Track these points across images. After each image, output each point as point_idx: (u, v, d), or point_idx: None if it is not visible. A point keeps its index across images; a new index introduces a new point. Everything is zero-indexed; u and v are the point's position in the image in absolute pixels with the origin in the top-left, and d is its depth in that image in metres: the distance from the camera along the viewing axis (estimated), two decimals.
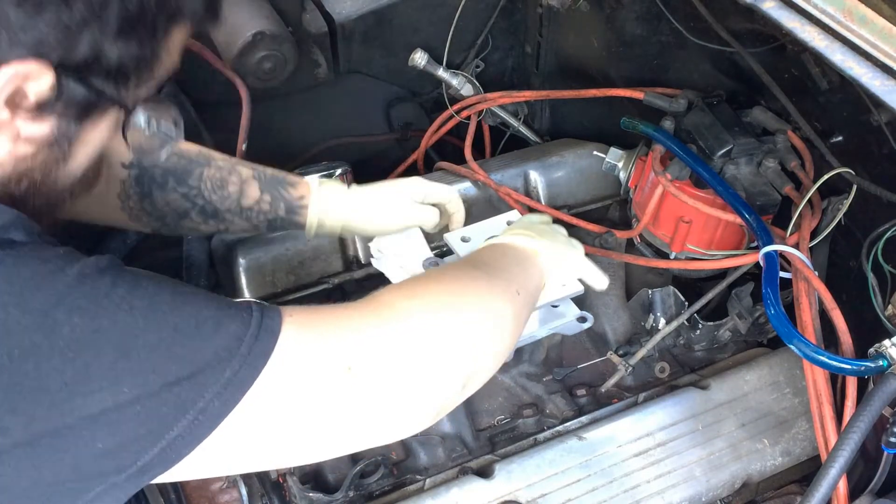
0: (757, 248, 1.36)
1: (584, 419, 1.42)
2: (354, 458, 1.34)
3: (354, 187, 1.43)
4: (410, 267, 1.52)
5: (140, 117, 0.90)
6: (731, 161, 1.47)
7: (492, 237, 1.30)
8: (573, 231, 1.65)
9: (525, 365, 1.48)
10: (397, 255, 1.52)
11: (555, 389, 1.47)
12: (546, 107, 2.07)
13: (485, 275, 1.12)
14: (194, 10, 0.87)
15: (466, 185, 1.69)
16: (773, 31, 1.37)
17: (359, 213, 1.42)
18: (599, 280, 1.33)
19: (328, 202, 1.40)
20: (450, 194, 1.47)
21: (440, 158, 1.89)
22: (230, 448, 0.84)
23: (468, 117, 1.93)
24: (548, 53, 2.00)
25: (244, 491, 1.25)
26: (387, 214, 1.44)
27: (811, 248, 1.40)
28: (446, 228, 1.49)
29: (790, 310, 1.28)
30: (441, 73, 1.93)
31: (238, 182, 1.36)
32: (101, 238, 1.76)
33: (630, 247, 1.66)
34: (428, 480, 1.32)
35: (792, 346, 1.19)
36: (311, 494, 1.28)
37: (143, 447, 0.78)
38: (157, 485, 1.24)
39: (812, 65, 1.37)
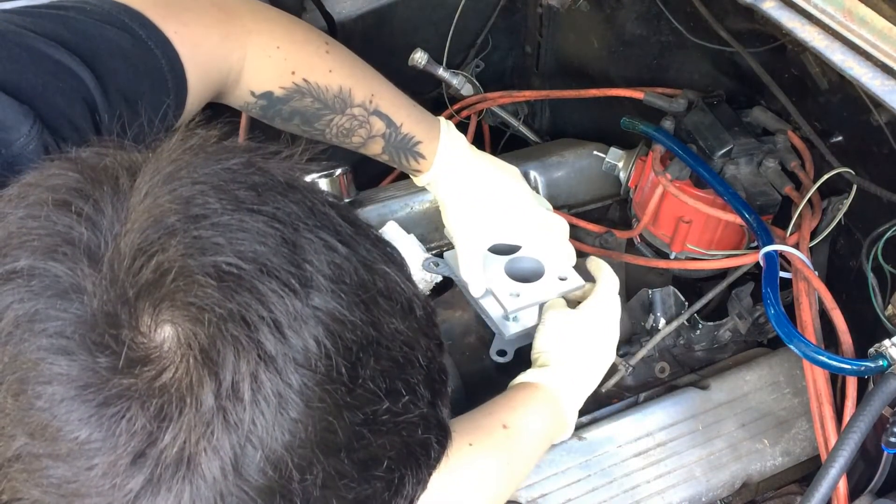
0: (757, 248, 1.36)
1: (584, 419, 1.42)
2: None
3: (480, 181, 1.39)
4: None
5: None
6: (731, 161, 1.47)
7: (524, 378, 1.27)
8: (573, 231, 1.65)
9: (526, 365, 1.48)
10: None
11: None
12: (546, 107, 2.07)
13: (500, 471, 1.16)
14: None
15: None
16: (773, 31, 1.37)
17: (466, 216, 1.39)
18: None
19: (446, 195, 1.38)
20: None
21: None
22: None
23: (468, 117, 1.93)
24: (548, 53, 1.99)
25: None
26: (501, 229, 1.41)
27: (811, 248, 1.40)
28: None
29: (790, 310, 1.28)
30: (441, 72, 1.92)
31: (365, 135, 1.30)
32: None
33: (630, 247, 1.66)
34: None
35: (792, 346, 1.19)
36: None
37: None
38: None
39: (812, 65, 1.37)
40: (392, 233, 1.55)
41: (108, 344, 0.55)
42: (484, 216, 1.40)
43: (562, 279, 1.42)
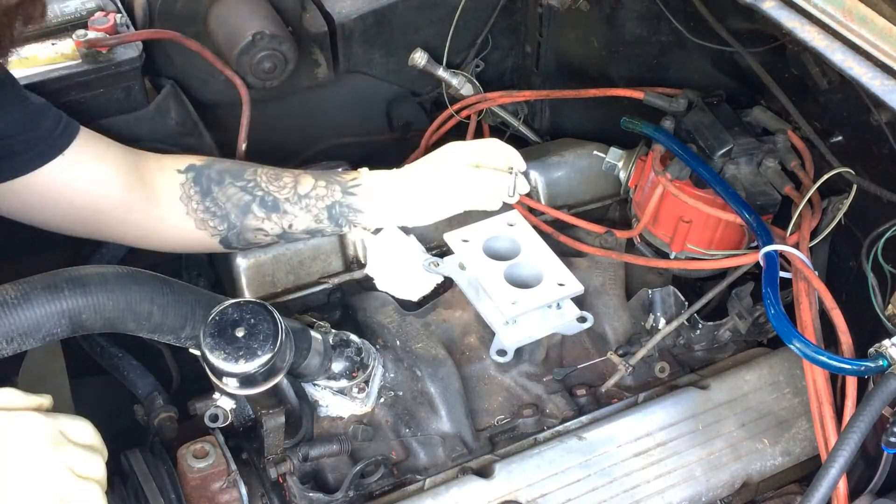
0: (757, 248, 1.36)
1: (584, 419, 1.42)
2: (354, 458, 1.34)
3: (403, 170, 1.50)
4: (411, 277, 1.53)
5: None
6: (731, 161, 1.47)
7: None
8: (573, 231, 1.65)
9: (525, 365, 1.48)
10: (395, 269, 1.52)
11: (555, 389, 1.47)
12: (546, 106, 2.06)
13: None
14: None
15: None
16: (773, 31, 1.37)
17: (412, 193, 1.48)
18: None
19: (380, 182, 1.47)
20: (505, 149, 1.51)
21: None
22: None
23: (468, 117, 1.93)
24: (548, 53, 1.99)
25: (244, 491, 1.25)
26: (442, 190, 1.49)
27: (811, 248, 1.40)
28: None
29: (790, 310, 1.28)
30: (441, 72, 1.92)
31: (292, 175, 1.42)
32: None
33: (630, 247, 1.66)
34: (428, 480, 1.32)
35: (792, 346, 1.19)
36: (311, 494, 1.28)
37: None
38: (156, 484, 1.24)
39: (812, 65, 1.37)
40: (392, 233, 1.55)
41: None
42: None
43: (560, 285, 1.42)
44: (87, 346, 1.53)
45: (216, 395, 1.25)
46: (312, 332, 1.28)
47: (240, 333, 1.09)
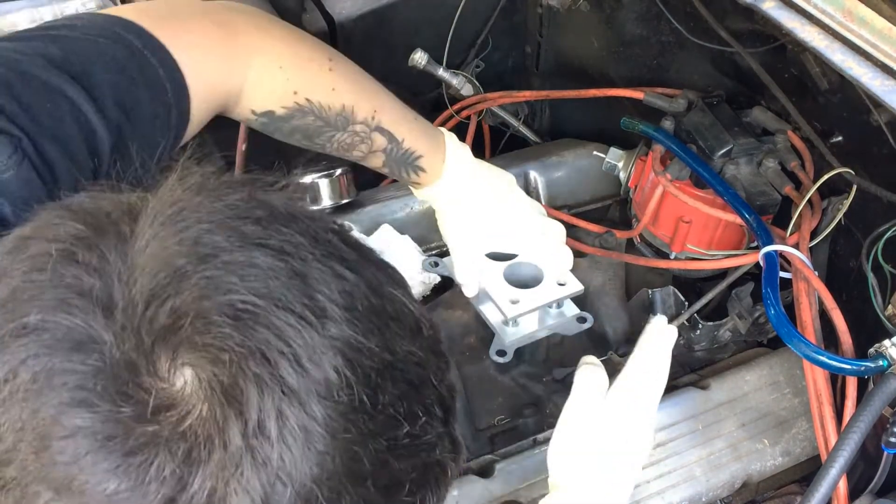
0: (757, 248, 1.36)
1: None
2: None
3: (484, 197, 1.39)
4: (407, 277, 1.52)
5: None
6: (731, 161, 1.47)
7: None
8: (573, 231, 1.65)
9: (525, 365, 1.48)
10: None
11: (555, 389, 1.47)
12: (546, 107, 2.07)
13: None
14: None
15: None
16: (773, 31, 1.37)
17: (464, 223, 1.39)
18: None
19: (445, 205, 1.38)
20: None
21: None
22: None
23: (468, 117, 1.93)
24: (548, 53, 2.00)
25: None
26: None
27: (811, 248, 1.40)
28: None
29: (790, 310, 1.28)
30: (441, 72, 1.92)
31: (366, 150, 1.30)
32: None
33: (630, 247, 1.66)
34: None
35: (792, 346, 1.19)
36: None
37: None
38: None
39: (812, 65, 1.37)
40: (386, 235, 1.55)
41: (130, 393, 0.54)
42: (482, 223, 1.40)
43: (561, 284, 1.42)
44: None
45: None
46: None
47: None
